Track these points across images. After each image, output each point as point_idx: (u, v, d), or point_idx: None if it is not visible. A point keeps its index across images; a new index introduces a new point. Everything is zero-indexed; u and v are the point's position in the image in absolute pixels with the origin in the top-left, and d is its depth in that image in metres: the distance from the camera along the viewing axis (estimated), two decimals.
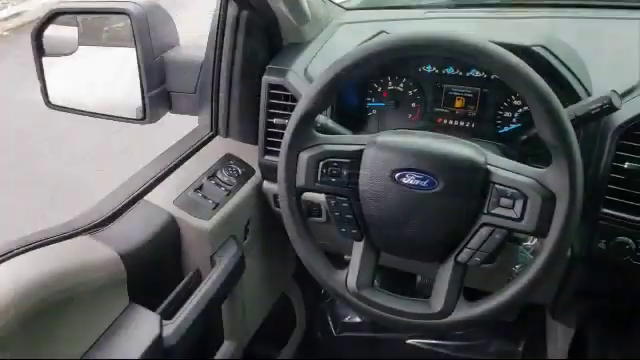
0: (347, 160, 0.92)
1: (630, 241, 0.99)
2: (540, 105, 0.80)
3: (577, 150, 0.80)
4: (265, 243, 1.42)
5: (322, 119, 1.09)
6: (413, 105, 1.30)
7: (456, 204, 0.86)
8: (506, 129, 1.22)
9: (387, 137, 0.91)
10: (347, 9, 1.58)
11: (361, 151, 0.91)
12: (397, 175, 0.88)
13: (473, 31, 1.30)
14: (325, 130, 1.08)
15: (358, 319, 1.94)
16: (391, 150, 0.89)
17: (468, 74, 1.25)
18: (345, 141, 0.95)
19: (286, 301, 1.75)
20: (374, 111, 1.34)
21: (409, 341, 1.88)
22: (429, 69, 1.28)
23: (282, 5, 1.19)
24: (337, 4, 1.58)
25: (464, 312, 0.87)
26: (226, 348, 1.33)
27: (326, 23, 1.44)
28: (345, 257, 1.43)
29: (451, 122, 1.28)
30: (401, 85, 1.30)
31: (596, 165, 1.02)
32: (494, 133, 1.24)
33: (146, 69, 1.33)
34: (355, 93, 1.32)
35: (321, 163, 0.93)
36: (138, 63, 1.33)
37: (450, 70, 1.26)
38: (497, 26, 1.36)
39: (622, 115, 0.99)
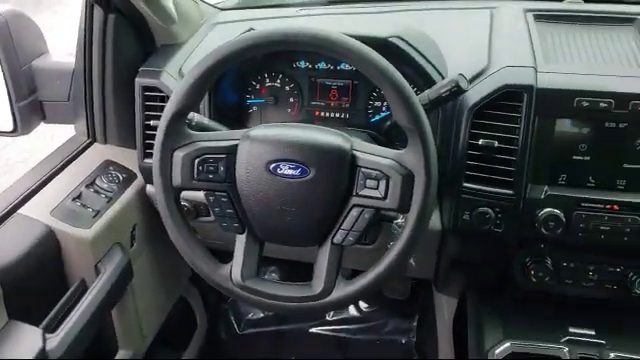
0: (223, 155, 0.94)
1: (490, 211, 1.09)
2: (393, 92, 0.86)
3: (429, 131, 0.87)
4: (155, 247, 1.41)
5: (197, 117, 1.10)
6: (291, 100, 1.34)
7: (328, 189, 0.90)
8: (377, 117, 1.30)
9: (260, 130, 0.94)
10: (222, 9, 1.60)
11: (236, 146, 0.94)
12: (272, 166, 0.91)
13: (340, 26, 1.36)
14: (201, 128, 1.09)
15: (261, 314, 1.97)
16: (264, 143, 0.92)
17: (339, 67, 1.31)
18: (219, 137, 0.96)
19: (185, 304, 1.74)
20: (255, 108, 1.37)
21: (312, 330, 1.94)
22: (303, 64, 1.33)
23: (144, 7, 1.18)
24: (212, 5, 1.59)
25: (342, 290, 0.92)
26: (121, 356, 1.31)
27: (200, 24, 1.45)
28: None
29: (328, 114, 1.33)
30: (278, 81, 1.34)
31: (455, 143, 1.11)
32: (367, 122, 1.31)
33: (12, 79, 1.28)
34: (234, 91, 1.35)
35: (196, 160, 0.94)
36: (3, 73, 1.27)
37: (322, 64, 1.32)
38: (364, 20, 1.43)
39: (474, 96, 1.08)
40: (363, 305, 1.95)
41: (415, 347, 1.84)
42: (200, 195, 0.98)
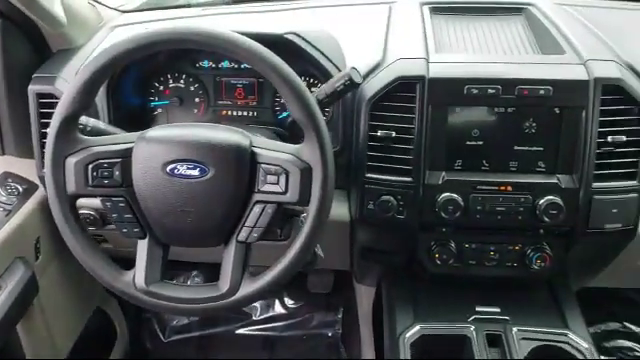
0: (117, 159, 0.92)
1: (392, 199, 1.12)
2: (285, 87, 0.87)
3: (323, 125, 0.89)
4: (64, 259, 1.36)
5: (92, 122, 1.07)
6: (197, 100, 1.33)
7: (228, 188, 0.90)
8: (284, 114, 1.31)
9: (155, 132, 0.93)
10: (123, 12, 1.56)
11: (131, 149, 0.92)
12: (169, 167, 0.90)
13: (242, 25, 1.37)
14: (98, 133, 1.06)
15: (186, 320, 1.94)
16: (160, 143, 0.91)
17: (243, 66, 1.31)
18: (113, 141, 0.94)
19: (103, 315, 1.69)
20: (160, 110, 1.34)
21: (239, 331, 1.93)
22: (206, 64, 1.32)
23: (27, 11, 1.14)
24: (113, 8, 1.55)
25: (249, 287, 0.93)
26: None
27: (98, 27, 1.41)
28: None
29: (235, 113, 1.33)
30: (182, 82, 1.32)
31: (357, 135, 1.13)
32: (275, 119, 1.32)
33: None
34: (137, 93, 1.32)
35: (90, 166, 0.91)
36: None
37: (226, 63, 1.31)
38: (266, 18, 1.44)
39: (371, 89, 1.11)
40: (288, 302, 1.96)
41: (341, 339, 1.87)
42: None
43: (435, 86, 1.08)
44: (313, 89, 1.08)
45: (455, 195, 1.10)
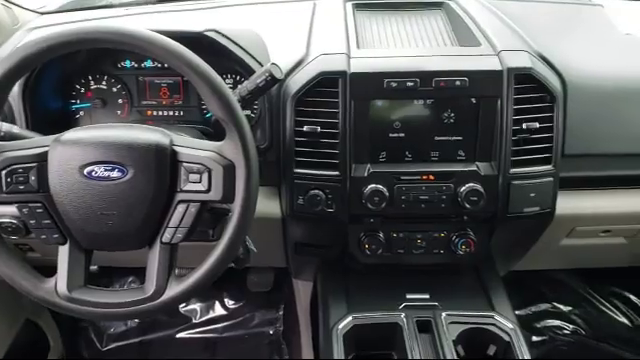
0: (33, 164, 0.89)
1: (320, 193, 1.13)
2: (202, 84, 0.87)
3: (244, 120, 0.89)
4: None
5: (5, 127, 1.03)
6: (120, 101, 1.30)
7: (149, 188, 0.89)
8: (210, 113, 1.29)
9: (71, 134, 0.90)
10: (42, 13, 1.51)
11: (47, 152, 0.89)
12: (86, 170, 0.88)
13: (164, 24, 1.35)
14: (11, 138, 1.02)
15: (124, 327, 1.90)
16: (76, 146, 0.88)
17: (166, 65, 1.29)
18: (28, 145, 0.91)
19: (35, 327, 1.63)
20: (82, 113, 1.31)
21: (179, 335, 1.90)
22: (128, 64, 1.29)
23: None
24: (31, 9, 1.50)
25: (176, 288, 0.92)
26: None
27: (13, 29, 1.36)
28: None
29: (160, 113, 1.31)
30: (104, 83, 1.29)
31: (284, 131, 1.14)
32: (203, 118, 1.31)
33: None
34: (57, 96, 1.28)
35: (3, 172, 0.88)
36: None
37: (149, 63, 1.29)
38: (191, 17, 1.43)
39: (295, 85, 1.12)
40: (229, 302, 1.95)
41: (282, 336, 1.87)
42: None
43: (356, 81, 1.10)
44: (239, 87, 1.08)
45: (380, 186, 1.12)
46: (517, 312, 1.93)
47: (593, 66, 1.21)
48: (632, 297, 1.98)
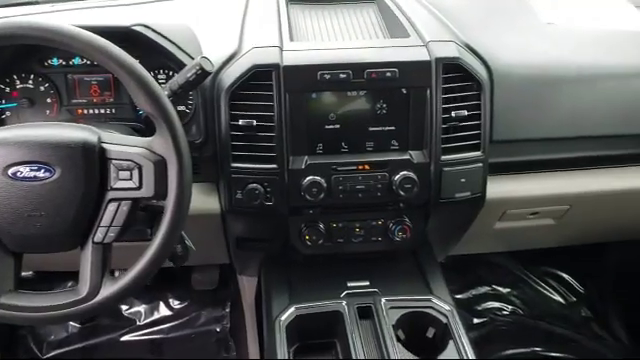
0: None
1: (259, 186, 1.13)
2: (129, 79, 0.86)
3: (173, 114, 0.88)
4: None
5: None
6: (49, 100, 1.26)
7: (78, 188, 0.87)
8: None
9: None
10: None
11: None
12: (11, 171, 0.85)
13: (92, 19, 1.32)
14: None
15: (65, 333, 1.85)
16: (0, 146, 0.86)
17: (95, 62, 1.26)
18: None
19: None
20: (8, 113, 1.26)
21: (123, 338, 1.86)
22: (56, 62, 1.25)
23: None
24: None
25: (110, 288, 0.90)
26: None
27: None
28: None
29: (91, 111, 1.28)
30: (30, 82, 1.25)
31: (219, 126, 1.14)
32: (136, 115, 1.28)
33: None
34: None
35: None
36: None
37: (77, 60, 1.26)
38: (120, 12, 1.40)
39: (228, 78, 1.12)
40: (174, 302, 1.93)
41: (230, 333, 1.87)
42: None
43: (290, 73, 1.11)
44: (170, 81, 1.06)
45: (318, 178, 1.14)
46: (458, 296, 2.01)
47: (517, 55, 1.26)
48: (565, 276, 2.08)
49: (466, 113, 1.15)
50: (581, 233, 1.58)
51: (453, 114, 1.15)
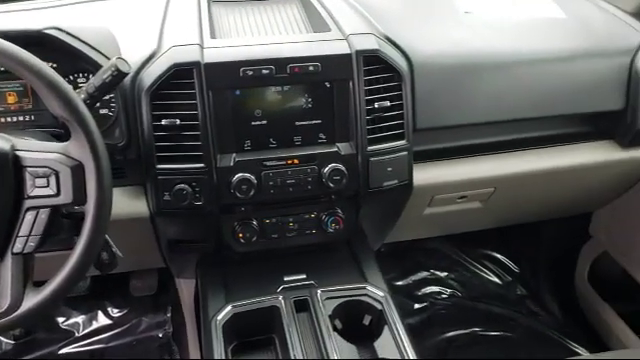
0: None
1: (186, 187, 1.12)
2: (40, 84, 0.83)
3: (88, 116, 0.86)
4: None
5: None
6: None
7: None
8: None
9: None
10: None
11: None
12: None
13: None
14: None
15: None
16: None
17: (3, 68, 1.21)
18: None
19: None
20: None
21: (62, 351, 1.81)
22: None
23: None
24: None
25: (33, 299, 0.87)
26: None
27: None
28: None
29: (9, 119, 1.22)
30: None
31: (141, 127, 1.12)
32: (55, 121, 1.23)
33: None
34: None
35: None
36: None
37: None
38: (34, 16, 1.35)
39: (148, 78, 1.10)
40: (113, 311, 1.89)
41: (172, 337, 1.84)
42: None
43: (211, 71, 1.10)
44: (86, 84, 1.04)
45: (247, 174, 1.14)
46: (399, 283, 2.06)
47: (436, 45, 1.29)
48: (500, 257, 2.17)
49: (389, 104, 1.18)
50: (508, 214, 1.65)
51: (376, 105, 1.17)
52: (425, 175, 1.31)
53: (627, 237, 1.68)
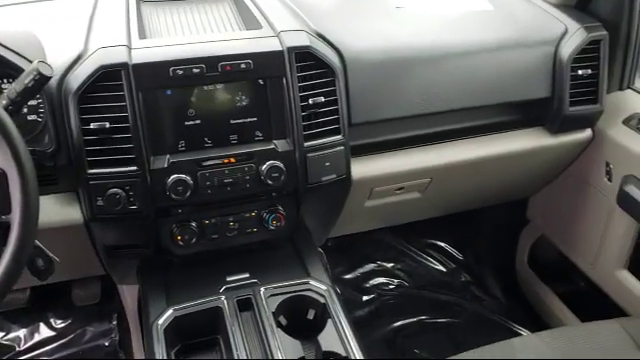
0: None
1: (119, 191, 1.10)
2: None
3: (9, 123, 0.84)
4: None
5: None
6: None
7: None
8: None
9: None
10: None
11: None
12: None
13: None
14: None
15: None
16: None
17: None
18: None
19: None
20: None
21: None
22: None
23: None
24: None
25: None
26: None
27: None
28: None
29: None
30: None
31: (70, 132, 1.09)
32: None
33: None
34: None
35: None
36: None
37: None
38: None
39: (75, 81, 1.07)
40: (56, 322, 1.83)
41: (119, 345, 1.80)
42: None
43: (140, 72, 1.08)
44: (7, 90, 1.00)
45: (183, 175, 1.12)
46: (347, 276, 2.08)
47: (368, 40, 1.31)
48: (443, 245, 2.22)
49: (323, 99, 1.19)
50: (447, 203, 1.69)
51: (311, 101, 1.18)
52: (363, 168, 1.33)
53: (562, 220, 1.75)
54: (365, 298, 2.02)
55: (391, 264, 2.14)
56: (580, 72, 1.42)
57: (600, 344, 1.20)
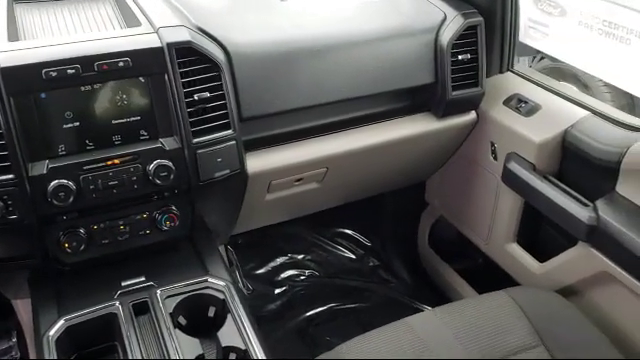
0: None
1: None
2: None
3: None
4: None
5: None
6: None
7: None
8: None
9: None
10: None
11: None
12: None
13: None
14: None
15: None
16: None
17: None
18: None
19: None
20: None
21: None
22: None
23: None
24: None
25: None
26: None
27: None
28: None
29: None
30: None
31: None
32: None
33: None
34: None
35: None
36: None
37: None
38: None
39: None
40: None
41: None
42: None
43: (9, 75, 1.03)
44: None
45: (64, 181, 1.08)
46: (259, 271, 2.09)
47: (253, 34, 1.31)
48: (351, 233, 2.26)
49: (209, 95, 1.18)
50: (347, 191, 1.73)
51: (196, 97, 1.16)
52: (259, 162, 1.34)
53: (456, 201, 1.84)
54: (277, 291, 2.03)
55: (302, 255, 2.16)
56: (460, 57, 1.49)
57: (490, 314, 1.27)
